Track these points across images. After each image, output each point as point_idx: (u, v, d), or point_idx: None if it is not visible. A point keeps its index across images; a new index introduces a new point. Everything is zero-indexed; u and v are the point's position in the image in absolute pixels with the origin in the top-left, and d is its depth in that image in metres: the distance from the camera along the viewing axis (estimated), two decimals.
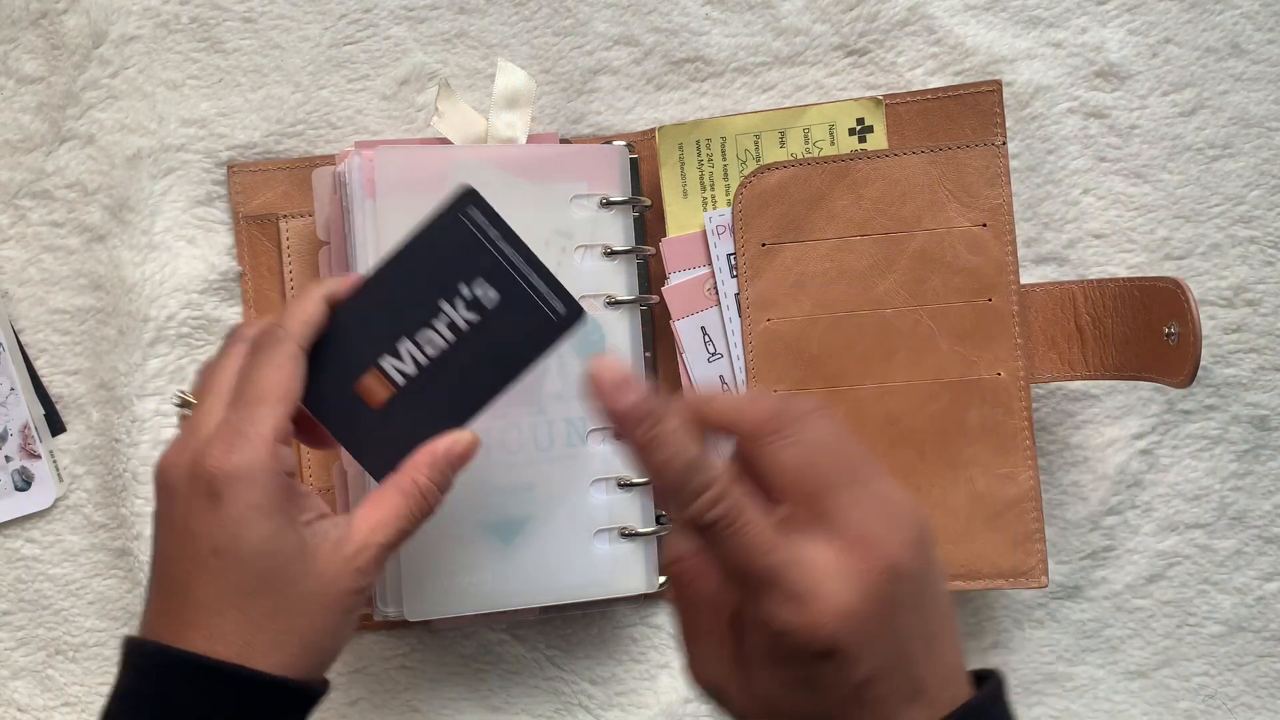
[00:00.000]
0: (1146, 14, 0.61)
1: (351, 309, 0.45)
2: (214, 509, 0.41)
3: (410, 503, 0.44)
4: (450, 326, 0.45)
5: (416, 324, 0.45)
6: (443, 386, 0.45)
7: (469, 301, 0.45)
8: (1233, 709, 0.62)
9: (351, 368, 0.45)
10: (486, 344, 0.45)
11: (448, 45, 0.62)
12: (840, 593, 0.34)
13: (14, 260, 0.62)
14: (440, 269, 0.45)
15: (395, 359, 0.45)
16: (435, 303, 0.45)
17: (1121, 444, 0.61)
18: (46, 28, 0.62)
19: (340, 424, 0.45)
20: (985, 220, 0.58)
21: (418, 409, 0.45)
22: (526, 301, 0.45)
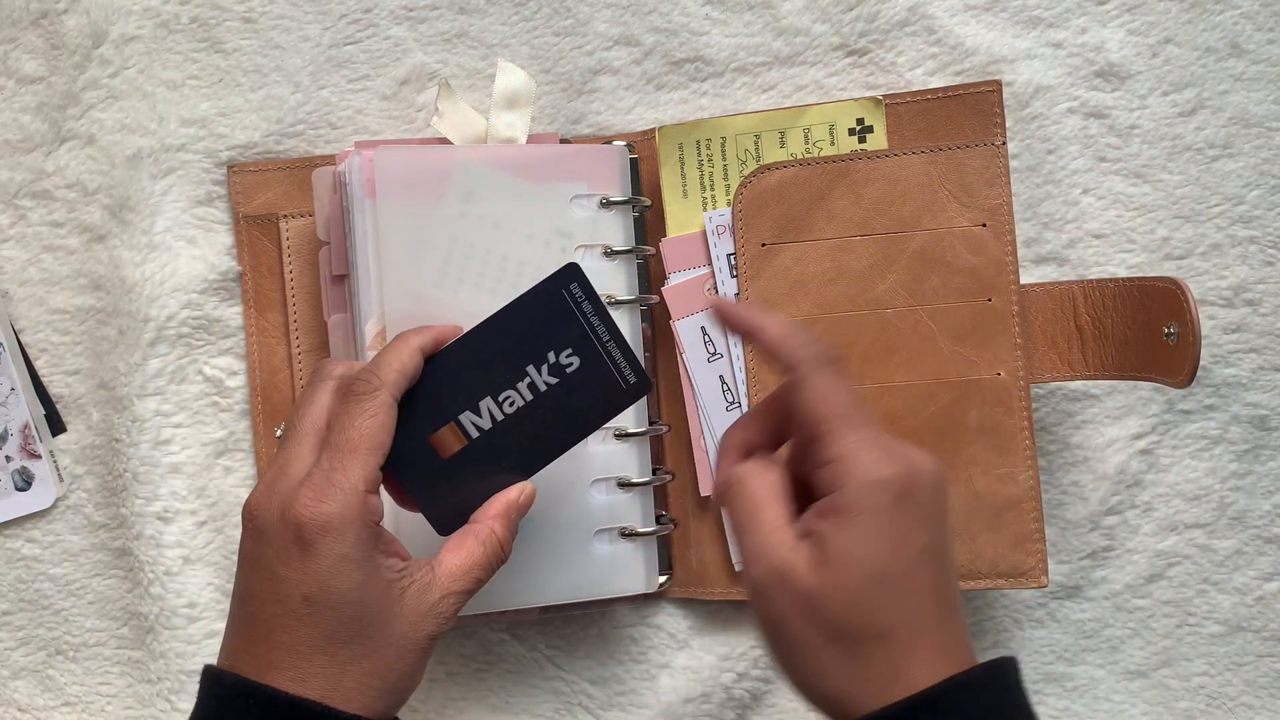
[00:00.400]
0: (1146, 14, 0.61)
1: (441, 363, 0.47)
2: (304, 557, 0.41)
3: (489, 552, 0.45)
4: (530, 386, 0.47)
5: (502, 384, 0.47)
6: (513, 442, 0.47)
7: (552, 366, 0.47)
8: (1233, 709, 0.62)
9: (433, 420, 0.46)
10: (560, 405, 0.47)
11: (448, 45, 0.62)
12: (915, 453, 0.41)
13: (14, 260, 0.62)
14: (535, 336, 0.47)
15: (474, 414, 0.47)
16: (524, 366, 0.47)
17: (1121, 444, 0.61)
18: (46, 28, 0.62)
19: (408, 471, 0.46)
20: (985, 220, 0.58)
21: (486, 462, 0.47)
22: (603, 370, 0.47)
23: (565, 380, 0.47)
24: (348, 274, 0.58)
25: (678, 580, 0.61)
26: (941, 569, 0.40)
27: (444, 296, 0.57)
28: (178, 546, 0.61)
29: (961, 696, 0.38)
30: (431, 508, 0.47)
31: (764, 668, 0.61)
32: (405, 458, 0.46)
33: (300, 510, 0.41)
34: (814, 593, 0.39)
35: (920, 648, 0.39)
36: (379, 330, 0.56)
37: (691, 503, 0.61)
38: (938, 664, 0.39)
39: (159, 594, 0.61)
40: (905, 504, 0.40)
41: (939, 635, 0.40)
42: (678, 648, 0.62)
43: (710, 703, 0.61)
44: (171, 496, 0.61)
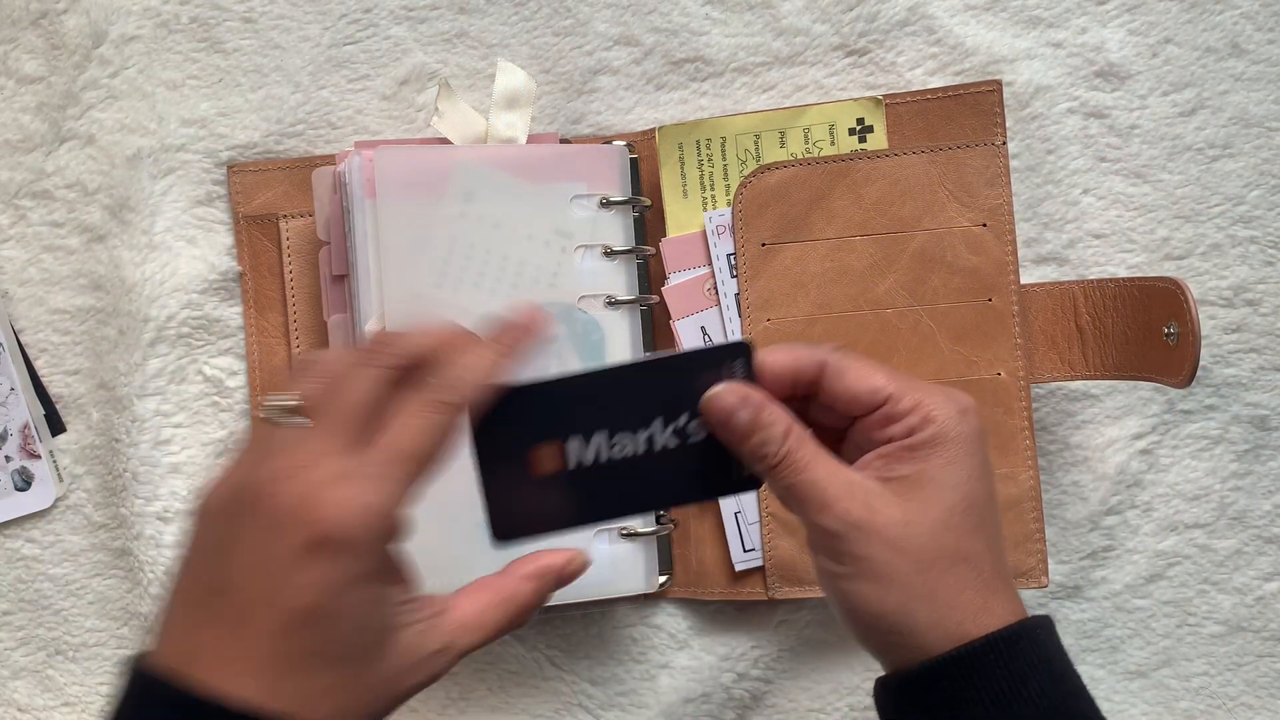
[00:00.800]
0: (1146, 14, 0.61)
1: (578, 382, 0.44)
2: (313, 564, 0.36)
3: (508, 613, 0.42)
4: (648, 440, 0.44)
5: (623, 426, 0.44)
6: (604, 487, 0.44)
7: (679, 428, 0.44)
8: (1233, 709, 0.62)
9: (544, 430, 0.43)
10: (667, 469, 0.44)
11: (448, 45, 0.62)
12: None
13: (14, 260, 0.62)
14: (679, 393, 0.44)
15: (583, 445, 0.44)
16: (653, 418, 0.44)
17: (1121, 444, 0.61)
18: (46, 28, 0.62)
19: (492, 470, 0.44)
20: (985, 220, 0.58)
21: (569, 494, 0.44)
22: (724, 451, 0.44)
23: (684, 447, 0.44)
24: (348, 274, 0.58)
25: (678, 580, 0.61)
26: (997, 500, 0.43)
27: (444, 296, 0.57)
28: (178, 546, 0.61)
29: (1039, 635, 0.40)
30: (498, 508, 0.44)
31: (764, 668, 0.61)
32: (497, 449, 0.43)
33: (329, 510, 0.36)
34: (904, 520, 0.40)
35: (1000, 577, 0.41)
36: (379, 330, 0.56)
37: None
38: (1012, 599, 0.41)
39: (159, 594, 0.61)
40: (982, 433, 0.42)
41: (1007, 569, 0.42)
42: (678, 648, 0.62)
43: (710, 703, 0.61)
44: (171, 496, 0.61)
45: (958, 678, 0.40)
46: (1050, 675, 0.40)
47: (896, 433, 0.42)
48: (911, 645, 0.40)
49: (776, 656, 0.62)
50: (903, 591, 0.40)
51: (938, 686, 0.40)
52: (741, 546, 0.60)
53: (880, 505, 0.40)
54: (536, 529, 0.44)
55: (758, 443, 0.41)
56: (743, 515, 0.60)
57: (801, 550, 0.59)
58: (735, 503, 0.60)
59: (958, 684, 0.40)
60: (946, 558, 0.40)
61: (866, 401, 0.42)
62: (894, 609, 0.40)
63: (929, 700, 0.40)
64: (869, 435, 0.42)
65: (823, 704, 0.62)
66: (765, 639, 0.61)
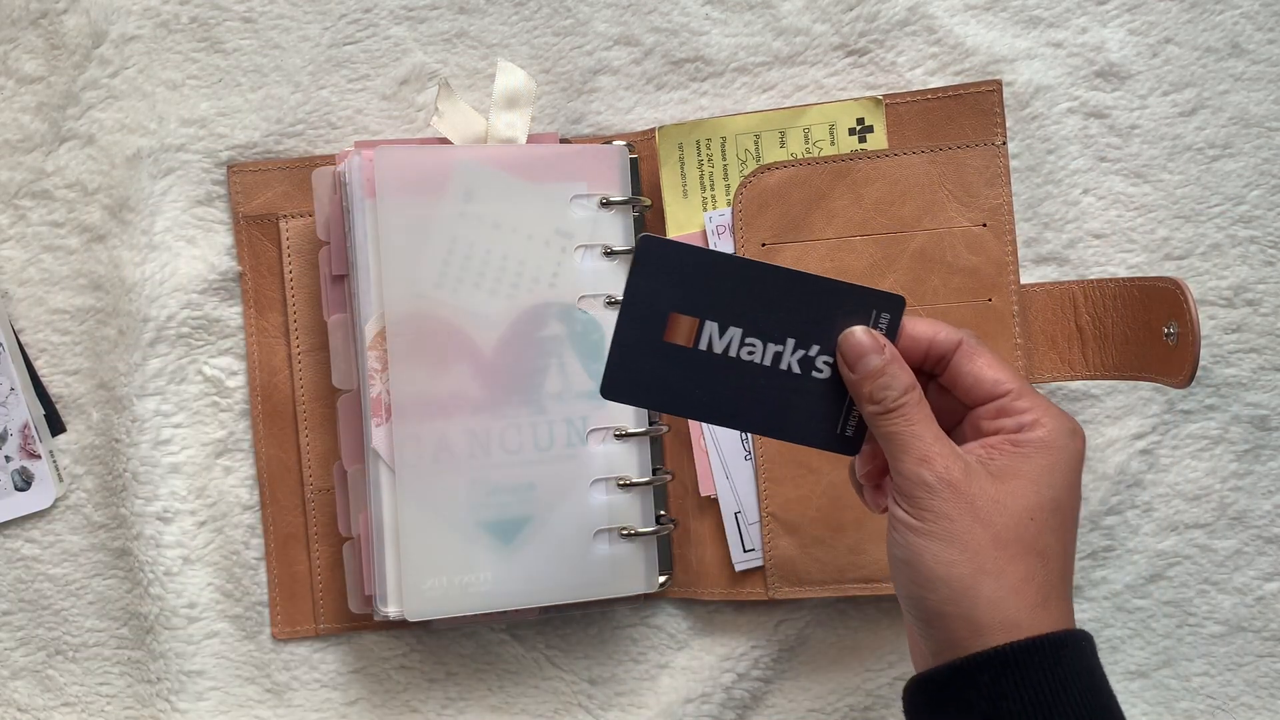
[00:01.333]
0: (1146, 14, 0.61)
1: (741, 271, 0.44)
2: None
3: None
4: (775, 356, 0.45)
5: (760, 331, 0.45)
6: (719, 382, 0.45)
7: (805, 358, 0.45)
8: (1233, 709, 0.62)
9: (689, 303, 0.44)
10: (779, 393, 0.45)
11: (448, 45, 0.62)
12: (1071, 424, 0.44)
13: (14, 260, 0.62)
14: (822, 324, 0.45)
15: (718, 332, 0.44)
16: (790, 336, 0.45)
17: (1121, 444, 0.61)
18: (46, 28, 0.62)
19: (630, 318, 0.44)
20: (985, 220, 0.58)
21: (685, 374, 0.45)
22: (838, 402, 0.45)
23: (803, 379, 0.45)
24: (348, 274, 0.58)
25: (677, 580, 0.61)
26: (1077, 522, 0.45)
27: (444, 296, 0.57)
28: (177, 547, 0.61)
29: (1084, 646, 0.42)
30: (619, 362, 0.45)
31: (764, 668, 0.61)
32: (645, 300, 0.44)
33: None
34: (994, 497, 0.41)
35: (1065, 583, 0.42)
36: (379, 330, 0.56)
37: (691, 503, 0.61)
38: (1068, 609, 0.43)
39: (159, 594, 0.61)
40: (1082, 458, 0.44)
41: (1070, 581, 0.43)
42: (677, 648, 0.62)
43: (710, 703, 0.61)
44: (171, 496, 0.61)
45: (1002, 673, 0.40)
46: (1091, 686, 0.41)
47: (1006, 426, 0.43)
48: (962, 618, 0.41)
49: (776, 656, 0.62)
50: (974, 562, 0.41)
51: (979, 681, 0.40)
52: (741, 546, 0.60)
53: (977, 476, 0.42)
54: (642, 397, 0.45)
55: (880, 386, 0.43)
56: (743, 515, 0.60)
57: (801, 550, 0.59)
58: (735, 502, 0.60)
59: (1001, 680, 0.40)
60: (1023, 545, 0.41)
61: (988, 389, 0.44)
62: (961, 576, 0.41)
63: (968, 696, 0.41)
64: (977, 425, 0.44)
65: (823, 704, 0.62)
66: (765, 639, 0.61)
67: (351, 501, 0.58)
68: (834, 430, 0.45)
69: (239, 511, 0.62)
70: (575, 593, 0.58)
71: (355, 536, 0.58)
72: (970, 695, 0.40)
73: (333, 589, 0.61)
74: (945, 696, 0.42)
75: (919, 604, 0.42)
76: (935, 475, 0.41)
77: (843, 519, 0.58)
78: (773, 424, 0.46)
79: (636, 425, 0.59)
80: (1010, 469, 0.42)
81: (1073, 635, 0.41)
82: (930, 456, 0.42)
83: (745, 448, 0.60)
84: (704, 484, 0.60)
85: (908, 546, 0.42)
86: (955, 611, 0.41)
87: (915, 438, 0.42)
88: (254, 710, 0.62)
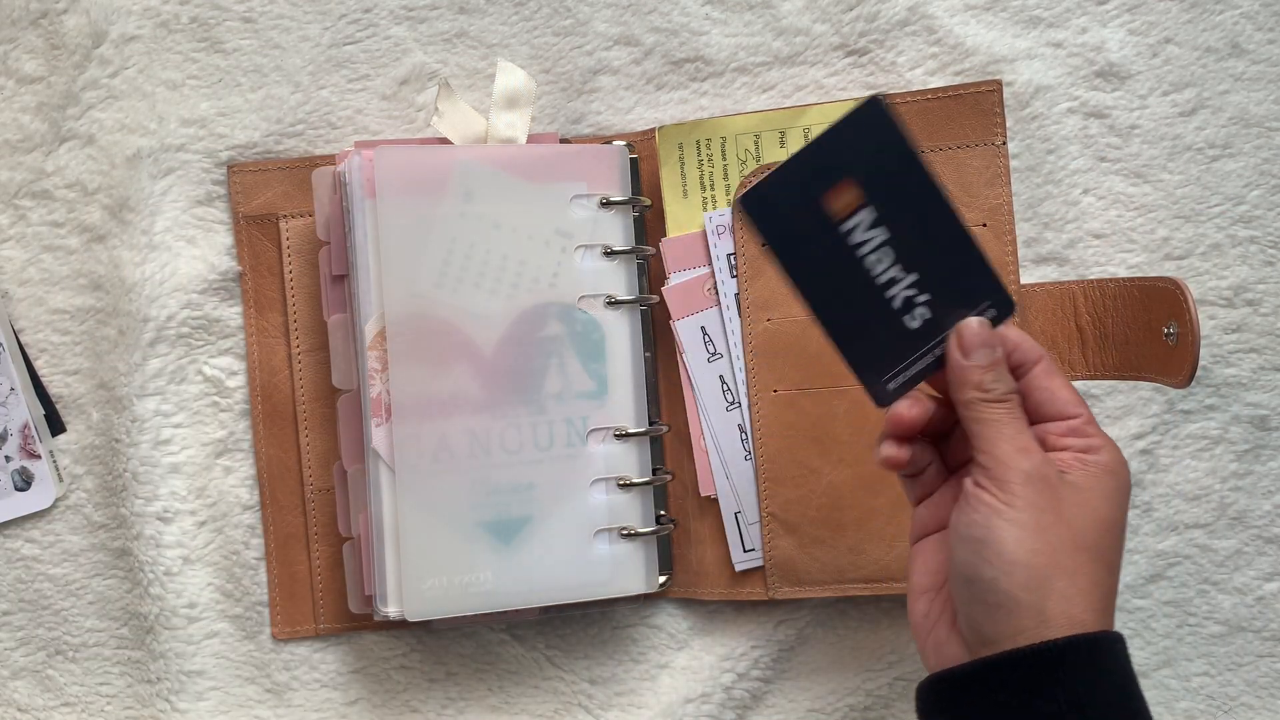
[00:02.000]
0: (1146, 14, 0.61)
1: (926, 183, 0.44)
2: None
3: None
4: (889, 281, 0.45)
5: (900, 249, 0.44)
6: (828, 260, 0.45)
7: (909, 300, 0.45)
8: (1233, 709, 0.62)
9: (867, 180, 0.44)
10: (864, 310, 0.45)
11: (448, 45, 0.62)
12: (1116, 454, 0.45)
13: (14, 260, 0.62)
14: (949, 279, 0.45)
15: (868, 224, 0.44)
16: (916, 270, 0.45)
17: (1122, 444, 0.61)
18: (46, 28, 0.62)
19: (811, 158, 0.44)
20: (985, 220, 0.58)
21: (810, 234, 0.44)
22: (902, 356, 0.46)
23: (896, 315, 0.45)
24: (348, 274, 0.58)
25: (677, 580, 0.61)
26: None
27: (444, 296, 0.57)
28: (177, 547, 0.61)
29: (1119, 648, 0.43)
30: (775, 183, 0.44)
31: (764, 668, 0.61)
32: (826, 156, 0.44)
33: None
34: (1078, 502, 0.43)
35: (1115, 593, 0.44)
36: (379, 330, 0.56)
37: (691, 503, 0.61)
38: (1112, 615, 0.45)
39: (159, 594, 0.61)
40: (1130, 491, 0.46)
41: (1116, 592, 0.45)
42: (677, 648, 0.62)
43: (710, 703, 0.61)
44: (171, 496, 0.61)
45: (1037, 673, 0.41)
46: (1124, 691, 0.42)
47: (1075, 445, 0.45)
48: (1033, 607, 0.41)
49: (776, 656, 0.62)
50: (1053, 557, 0.42)
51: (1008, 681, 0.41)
52: (741, 546, 0.60)
53: (1064, 481, 0.43)
54: (765, 226, 0.44)
55: (991, 379, 0.44)
56: (743, 515, 0.60)
57: (801, 550, 0.59)
58: (735, 502, 0.60)
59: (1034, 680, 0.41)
60: (1096, 554, 0.43)
61: (1061, 408, 0.45)
62: (1039, 565, 0.41)
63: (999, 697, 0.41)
64: (1044, 437, 0.45)
65: (823, 704, 0.62)
66: (765, 639, 0.61)
67: (351, 501, 0.58)
68: (881, 376, 0.46)
69: (239, 511, 0.62)
70: (575, 593, 0.58)
71: (355, 536, 0.58)
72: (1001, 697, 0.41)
73: (333, 589, 0.61)
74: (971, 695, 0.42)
75: (989, 586, 0.42)
76: (1034, 466, 0.43)
77: (843, 519, 0.58)
78: (843, 332, 0.46)
79: (636, 425, 0.59)
80: (1085, 484, 0.44)
81: (1108, 637, 0.43)
82: (1031, 449, 0.43)
83: (745, 448, 0.60)
84: (704, 484, 0.60)
85: (990, 527, 0.42)
86: (1027, 599, 0.41)
87: (1018, 433, 0.44)
88: (254, 710, 0.62)
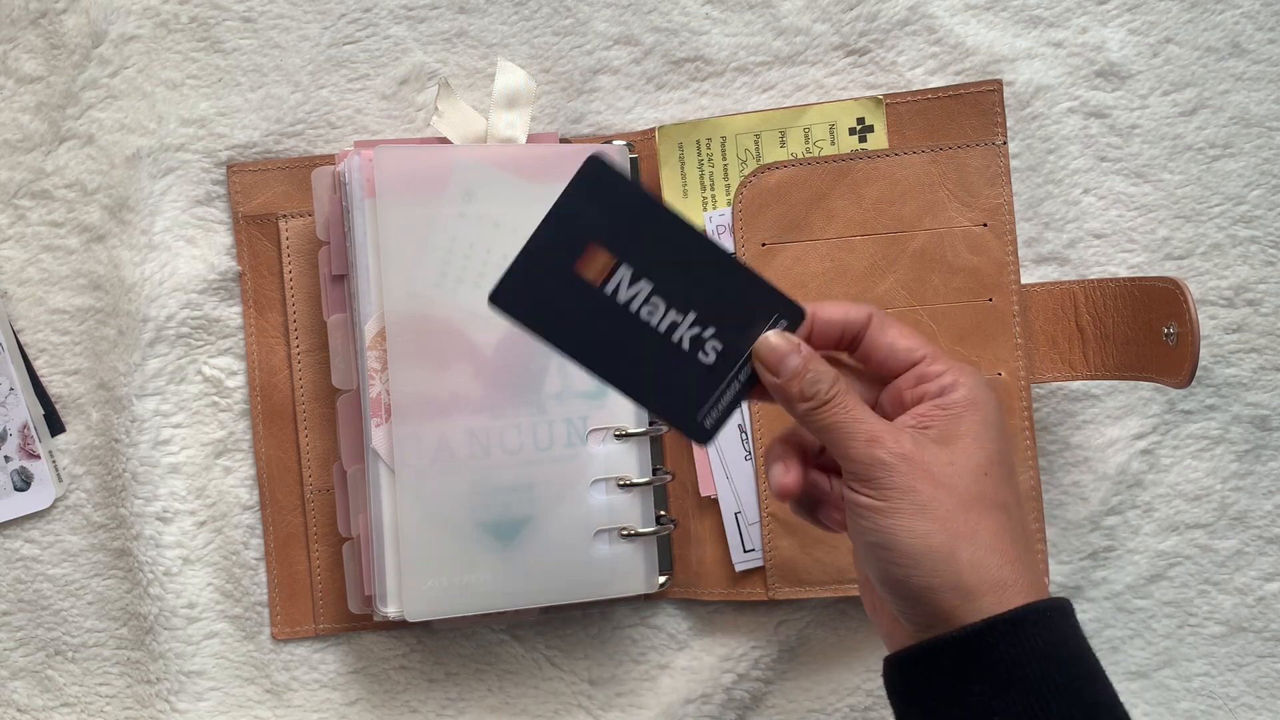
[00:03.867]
0: (1147, 14, 0.61)
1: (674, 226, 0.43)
2: None
3: None
4: (670, 326, 0.44)
5: (669, 296, 0.43)
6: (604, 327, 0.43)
7: (697, 337, 0.44)
8: (1233, 710, 0.62)
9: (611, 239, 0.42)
10: (656, 361, 0.44)
11: (448, 45, 0.62)
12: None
13: (14, 260, 0.62)
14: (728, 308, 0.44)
15: (629, 280, 0.43)
16: (692, 309, 0.43)
17: (1122, 444, 0.61)
18: (46, 28, 0.62)
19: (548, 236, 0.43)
20: (986, 220, 0.58)
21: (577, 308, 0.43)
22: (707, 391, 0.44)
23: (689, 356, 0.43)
24: (347, 274, 0.58)
25: (678, 580, 0.61)
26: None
27: (444, 296, 0.56)
28: (177, 547, 0.61)
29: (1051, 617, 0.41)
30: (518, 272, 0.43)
31: (764, 668, 0.61)
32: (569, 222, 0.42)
33: None
34: (948, 461, 0.42)
35: (1028, 533, 0.43)
36: (379, 330, 0.56)
37: (691, 503, 0.61)
38: (1036, 560, 0.43)
39: (158, 594, 0.61)
40: (1002, 409, 0.45)
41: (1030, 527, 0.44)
42: (677, 648, 0.62)
43: (710, 703, 0.61)
44: (171, 497, 0.61)
45: (963, 657, 0.40)
46: (1058, 660, 0.40)
47: (930, 390, 0.44)
48: (950, 588, 0.40)
49: (776, 657, 0.61)
50: (947, 528, 0.41)
51: (941, 664, 0.41)
52: (741, 546, 0.60)
53: (925, 445, 0.42)
54: (526, 316, 0.43)
55: (810, 381, 0.43)
56: (743, 515, 0.60)
57: (801, 550, 0.59)
58: (735, 502, 0.60)
59: (962, 662, 0.40)
60: (986, 503, 0.41)
61: (903, 358, 0.44)
62: (939, 546, 0.41)
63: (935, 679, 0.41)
64: (900, 397, 0.44)
65: (823, 704, 0.62)
66: (765, 639, 0.61)
67: (351, 502, 0.58)
68: (695, 414, 0.44)
69: (239, 511, 0.62)
70: (575, 593, 0.58)
71: (355, 536, 0.58)
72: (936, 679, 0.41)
73: (332, 589, 0.61)
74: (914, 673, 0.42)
75: (903, 585, 0.41)
76: (889, 452, 0.41)
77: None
78: (641, 389, 0.44)
79: (636, 425, 0.59)
80: (950, 432, 0.42)
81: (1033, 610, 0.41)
82: (878, 435, 0.42)
83: (745, 448, 0.60)
84: (704, 484, 0.60)
85: (879, 530, 0.41)
86: (941, 583, 0.41)
87: (857, 422, 0.42)
88: (254, 710, 0.62)
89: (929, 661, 0.41)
